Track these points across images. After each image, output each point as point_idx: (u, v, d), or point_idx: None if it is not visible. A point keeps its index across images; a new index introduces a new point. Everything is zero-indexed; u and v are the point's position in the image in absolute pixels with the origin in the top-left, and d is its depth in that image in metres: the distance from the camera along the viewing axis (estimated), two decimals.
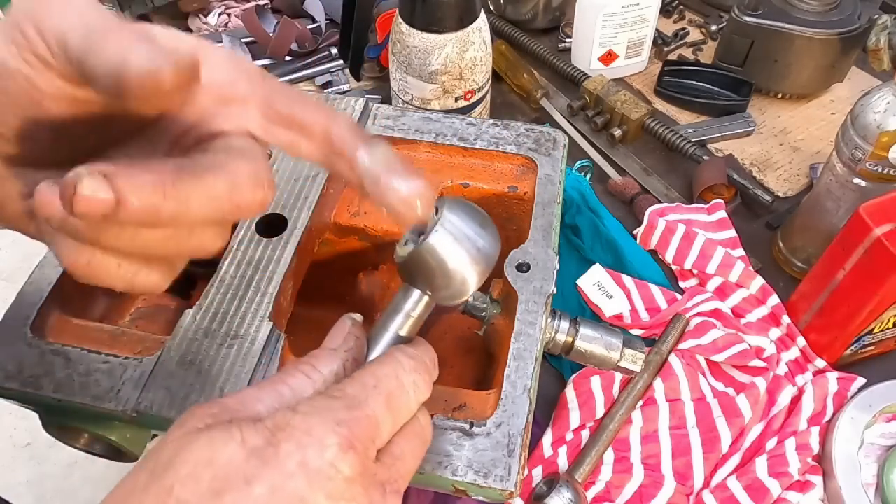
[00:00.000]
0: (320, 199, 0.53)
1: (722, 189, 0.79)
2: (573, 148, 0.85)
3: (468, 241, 0.30)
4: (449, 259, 0.30)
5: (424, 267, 0.31)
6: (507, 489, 0.39)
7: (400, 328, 0.33)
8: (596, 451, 0.59)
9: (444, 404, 0.43)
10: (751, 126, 0.88)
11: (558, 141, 0.57)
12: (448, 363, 0.61)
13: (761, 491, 0.57)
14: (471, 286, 0.31)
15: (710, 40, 1.02)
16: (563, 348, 0.49)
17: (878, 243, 0.55)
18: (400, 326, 0.33)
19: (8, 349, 0.45)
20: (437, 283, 0.31)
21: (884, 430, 0.61)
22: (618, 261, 0.72)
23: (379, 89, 0.95)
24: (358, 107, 0.59)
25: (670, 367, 0.63)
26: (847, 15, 0.84)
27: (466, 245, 0.30)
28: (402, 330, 0.33)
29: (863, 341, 0.63)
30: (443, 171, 0.57)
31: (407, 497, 0.58)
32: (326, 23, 1.05)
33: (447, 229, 0.30)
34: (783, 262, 0.74)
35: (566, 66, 0.95)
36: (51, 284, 0.48)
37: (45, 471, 1.52)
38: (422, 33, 0.70)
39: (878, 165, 0.60)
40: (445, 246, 0.30)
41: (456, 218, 0.30)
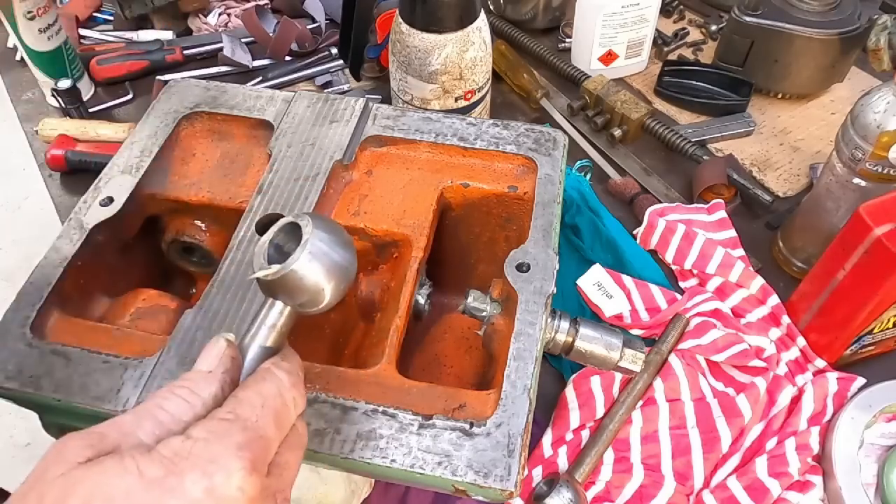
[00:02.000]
0: (320, 199, 0.53)
1: (722, 189, 0.79)
2: (573, 148, 0.85)
3: (328, 260, 0.32)
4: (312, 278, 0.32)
5: (290, 286, 0.32)
6: (507, 489, 0.39)
7: (267, 340, 0.34)
8: (596, 451, 0.59)
9: (444, 404, 0.43)
10: (751, 126, 0.88)
11: (558, 141, 0.57)
12: (448, 363, 0.61)
13: (761, 491, 0.57)
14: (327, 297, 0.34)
15: (710, 40, 1.02)
16: (563, 348, 0.49)
17: (878, 243, 0.55)
18: (266, 339, 0.34)
19: (8, 349, 0.45)
20: (300, 298, 0.33)
21: (884, 430, 0.61)
22: (618, 261, 0.72)
23: (379, 89, 0.95)
24: (358, 107, 0.59)
25: (670, 367, 0.63)
26: (847, 15, 0.84)
27: (327, 264, 0.32)
28: (269, 342, 0.34)
29: (863, 341, 0.63)
30: (443, 171, 0.57)
31: (407, 497, 0.58)
32: (326, 23, 1.05)
33: (312, 253, 0.32)
34: (783, 262, 0.74)
35: (566, 66, 0.95)
36: (51, 284, 0.48)
37: None
38: (422, 33, 0.70)
39: (878, 165, 0.60)
40: (310, 268, 0.32)
41: (319, 241, 0.32)
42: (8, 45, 1.05)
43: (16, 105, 0.97)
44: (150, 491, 0.26)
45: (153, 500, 0.26)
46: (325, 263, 0.32)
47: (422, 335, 0.63)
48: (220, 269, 0.49)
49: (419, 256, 0.52)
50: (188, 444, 0.27)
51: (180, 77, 0.95)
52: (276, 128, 0.58)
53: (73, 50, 0.92)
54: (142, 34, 1.03)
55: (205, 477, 0.27)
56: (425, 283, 0.56)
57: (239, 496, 0.27)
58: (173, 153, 0.58)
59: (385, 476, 0.42)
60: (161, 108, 0.60)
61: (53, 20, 0.87)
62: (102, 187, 0.54)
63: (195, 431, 0.28)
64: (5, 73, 1.02)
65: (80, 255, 0.50)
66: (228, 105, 0.60)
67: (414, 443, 0.41)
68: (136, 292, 0.55)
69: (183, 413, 0.30)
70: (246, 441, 0.28)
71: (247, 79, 0.96)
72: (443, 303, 0.63)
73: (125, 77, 0.97)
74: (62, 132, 0.85)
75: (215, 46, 1.00)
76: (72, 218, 0.52)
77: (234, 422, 0.29)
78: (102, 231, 0.52)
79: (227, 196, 0.56)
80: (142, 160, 0.56)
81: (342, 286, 0.34)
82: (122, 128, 0.86)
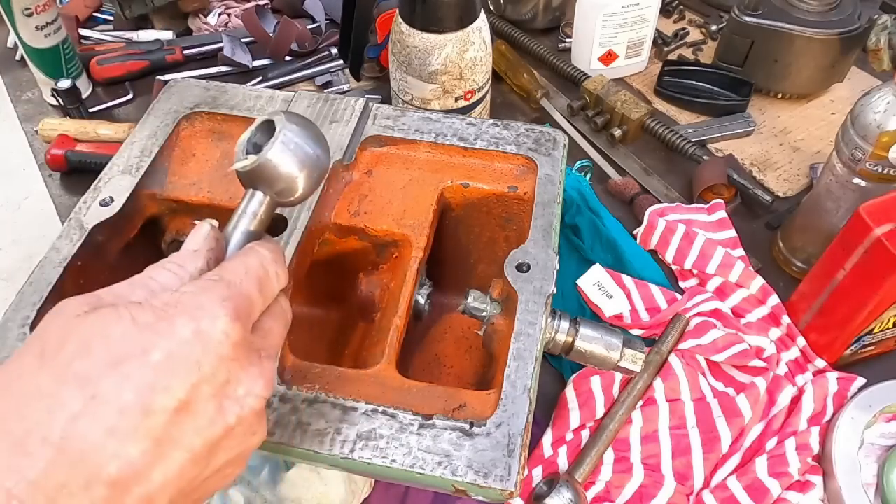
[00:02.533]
0: (320, 199, 0.53)
1: (722, 189, 0.79)
2: (573, 148, 0.85)
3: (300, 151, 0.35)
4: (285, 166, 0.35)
5: (266, 174, 0.35)
6: (507, 489, 0.39)
7: (249, 225, 0.37)
8: (596, 451, 0.59)
9: (444, 404, 0.43)
10: (751, 126, 0.88)
11: (558, 141, 0.57)
12: (448, 363, 0.61)
13: (761, 491, 0.57)
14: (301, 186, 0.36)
15: (710, 40, 1.02)
16: (563, 348, 0.49)
17: (878, 243, 0.55)
18: (249, 223, 0.37)
19: (8, 349, 0.45)
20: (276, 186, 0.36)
21: (884, 430, 0.61)
22: (618, 261, 0.72)
23: (379, 89, 0.95)
24: (358, 107, 0.59)
25: (670, 367, 0.63)
26: (847, 15, 0.84)
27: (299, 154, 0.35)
28: (252, 226, 0.37)
29: (863, 341, 0.63)
30: (443, 171, 0.57)
31: (407, 497, 0.58)
32: (326, 23, 1.05)
33: (284, 143, 0.35)
34: (783, 262, 0.74)
35: (566, 66, 0.95)
36: (51, 284, 0.48)
37: None
38: (422, 33, 0.70)
39: (878, 165, 0.60)
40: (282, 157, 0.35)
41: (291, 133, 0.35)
42: (8, 45, 1.05)
43: (16, 105, 0.97)
44: (142, 333, 0.29)
45: (145, 340, 0.29)
46: (297, 153, 0.35)
47: (422, 335, 0.63)
48: None
49: (419, 256, 0.52)
50: (177, 295, 0.31)
51: (180, 77, 0.95)
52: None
53: (72, 49, 0.92)
54: (142, 34, 1.03)
55: (192, 321, 0.30)
56: (425, 283, 0.56)
57: (223, 339, 0.30)
58: (173, 153, 0.58)
59: (385, 476, 0.42)
60: (161, 108, 0.60)
61: (53, 18, 0.87)
62: (102, 187, 0.54)
63: (187, 287, 0.31)
64: (5, 73, 1.02)
65: (80, 255, 0.50)
66: (228, 105, 0.60)
67: (414, 443, 0.41)
68: None
69: (171, 283, 0.32)
70: (230, 295, 0.31)
71: (247, 79, 0.96)
72: (443, 303, 0.63)
73: (125, 77, 0.97)
74: (62, 132, 0.85)
75: (215, 46, 1.00)
76: (72, 218, 0.52)
77: (219, 281, 0.32)
78: (102, 231, 0.52)
79: (227, 196, 0.56)
80: (142, 160, 0.56)
81: (315, 174, 0.36)
82: (122, 128, 0.86)
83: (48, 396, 0.27)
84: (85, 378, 0.27)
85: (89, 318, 0.29)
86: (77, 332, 0.29)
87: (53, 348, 0.28)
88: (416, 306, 0.53)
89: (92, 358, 0.28)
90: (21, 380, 0.28)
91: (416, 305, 0.53)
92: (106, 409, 0.27)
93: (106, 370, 0.28)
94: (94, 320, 0.29)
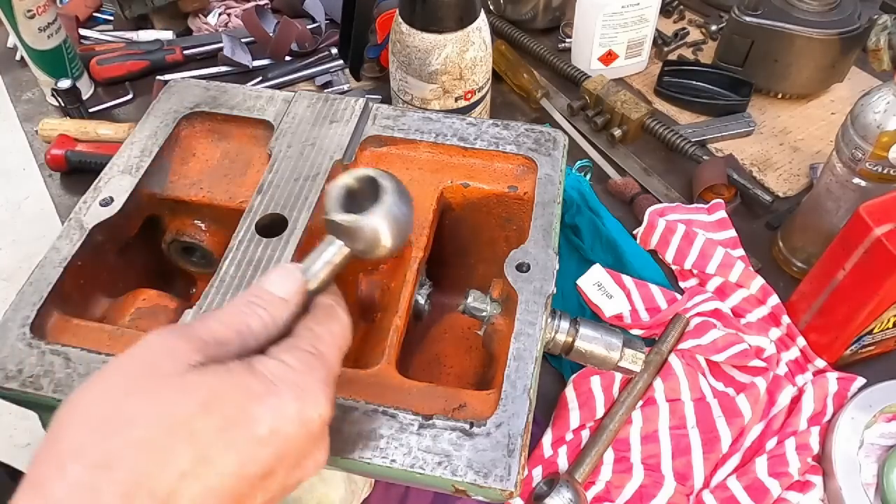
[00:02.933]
0: (320, 199, 0.52)
1: (722, 189, 0.79)
2: (573, 148, 0.85)
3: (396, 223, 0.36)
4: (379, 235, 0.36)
5: (357, 235, 0.36)
6: (507, 489, 0.39)
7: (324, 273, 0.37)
8: (596, 451, 0.59)
9: (444, 404, 0.44)
10: (751, 126, 0.88)
11: (558, 141, 0.57)
12: (448, 363, 0.61)
13: (761, 491, 0.57)
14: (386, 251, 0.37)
15: (710, 40, 1.02)
16: (563, 348, 0.49)
17: (878, 243, 0.55)
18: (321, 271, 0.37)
19: (8, 349, 0.45)
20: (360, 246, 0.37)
21: (884, 430, 0.61)
22: (618, 261, 0.72)
23: (379, 89, 0.95)
24: (358, 107, 0.59)
25: (670, 367, 0.63)
26: (847, 15, 0.84)
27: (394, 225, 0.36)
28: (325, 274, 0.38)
29: (863, 341, 0.63)
30: (443, 171, 0.57)
31: (407, 497, 0.58)
32: (326, 23, 1.05)
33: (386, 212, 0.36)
34: (783, 262, 0.74)
35: (566, 66, 0.95)
36: (51, 284, 0.48)
37: None
38: (422, 33, 0.70)
39: (878, 165, 0.60)
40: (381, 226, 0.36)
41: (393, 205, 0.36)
42: (8, 45, 1.05)
43: (16, 105, 0.97)
44: (252, 403, 0.30)
45: (255, 412, 0.30)
46: (393, 223, 0.36)
47: (422, 335, 0.63)
48: (220, 269, 0.49)
49: (419, 256, 0.52)
50: (286, 370, 0.32)
51: (180, 77, 0.95)
52: (276, 128, 0.58)
53: (73, 49, 0.92)
54: (142, 34, 1.03)
55: (297, 401, 0.32)
56: (425, 283, 0.56)
57: (318, 421, 0.33)
58: (173, 153, 0.58)
59: (385, 476, 0.42)
60: (161, 108, 0.60)
61: (53, 19, 0.87)
62: (102, 187, 0.54)
63: (287, 358, 0.33)
64: (5, 73, 1.02)
65: (80, 255, 0.50)
66: (228, 105, 0.60)
67: (414, 443, 0.41)
68: (136, 292, 0.55)
69: (262, 334, 0.34)
70: (326, 377, 0.33)
71: (247, 79, 0.96)
72: (443, 303, 0.62)
73: (125, 77, 0.97)
74: (62, 132, 0.85)
75: (215, 46, 1.00)
76: (72, 218, 0.52)
77: (318, 357, 0.34)
78: (102, 231, 0.52)
79: (227, 196, 0.56)
80: (142, 160, 0.56)
81: (400, 244, 0.37)
82: (122, 128, 0.86)
83: (161, 450, 0.28)
84: (197, 438, 0.29)
85: (207, 379, 0.30)
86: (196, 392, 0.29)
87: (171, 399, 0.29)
88: (416, 306, 0.53)
89: (208, 419, 0.29)
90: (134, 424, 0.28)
91: (416, 305, 0.53)
92: (210, 471, 0.29)
93: (217, 434, 0.29)
94: (212, 382, 0.30)
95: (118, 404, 0.29)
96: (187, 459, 0.28)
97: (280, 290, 0.35)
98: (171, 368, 0.30)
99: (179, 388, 0.29)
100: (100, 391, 0.29)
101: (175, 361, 0.30)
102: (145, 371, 0.30)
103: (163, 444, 0.28)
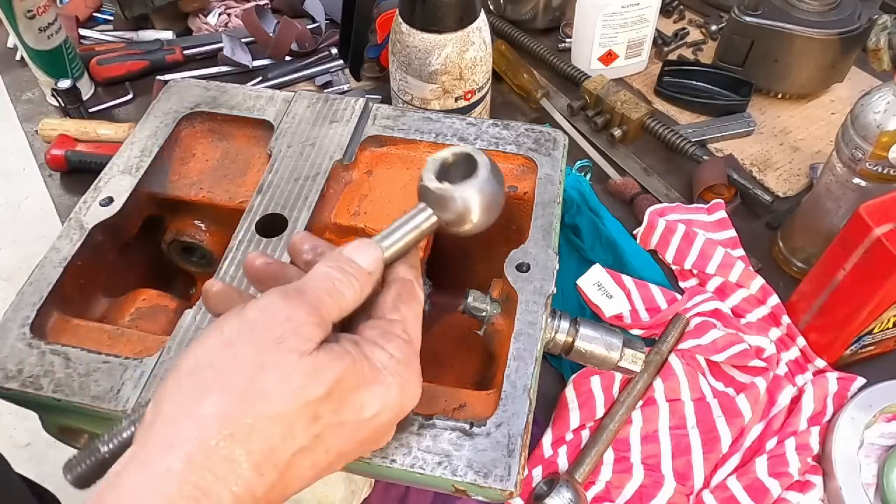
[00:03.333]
0: (320, 199, 0.53)
1: (722, 189, 0.79)
2: (573, 148, 0.85)
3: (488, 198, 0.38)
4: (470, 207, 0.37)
5: (449, 205, 0.37)
6: (507, 489, 0.39)
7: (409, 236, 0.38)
8: (596, 451, 0.59)
9: (444, 404, 0.44)
10: (751, 126, 0.88)
11: (558, 141, 0.57)
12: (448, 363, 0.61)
13: (761, 491, 0.57)
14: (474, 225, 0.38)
15: (710, 40, 1.02)
16: (563, 348, 0.49)
17: (878, 243, 0.55)
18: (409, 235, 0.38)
19: (8, 349, 0.45)
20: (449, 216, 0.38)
21: (884, 430, 0.61)
22: (618, 261, 0.72)
23: (379, 89, 0.95)
24: (358, 107, 0.59)
25: (670, 367, 0.63)
26: (847, 15, 0.84)
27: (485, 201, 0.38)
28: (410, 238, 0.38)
29: (863, 341, 0.63)
30: None
31: (407, 497, 0.58)
32: (326, 23, 1.05)
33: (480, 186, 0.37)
34: (783, 262, 0.74)
35: (566, 66, 0.95)
36: (51, 284, 0.48)
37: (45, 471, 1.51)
38: (422, 33, 0.70)
39: (878, 165, 0.60)
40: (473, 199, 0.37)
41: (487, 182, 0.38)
42: (8, 45, 1.05)
43: (16, 105, 0.97)
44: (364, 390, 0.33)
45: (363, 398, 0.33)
46: (483, 199, 0.37)
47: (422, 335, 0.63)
48: (220, 269, 0.49)
49: (419, 256, 0.52)
50: (390, 360, 0.34)
51: (180, 77, 0.95)
52: (276, 128, 0.58)
53: (74, 49, 0.92)
54: (142, 34, 1.03)
55: (401, 394, 0.34)
56: (425, 283, 0.56)
57: (413, 405, 0.36)
58: (173, 153, 0.58)
59: (385, 476, 0.42)
60: (161, 108, 0.60)
61: (53, 19, 0.87)
62: (102, 187, 0.54)
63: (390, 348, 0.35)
64: (5, 73, 1.02)
65: (80, 255, 0.50)
66: (228, 105, 0.60)
67: (414, 443, 0.41)
68: (136, 292, 0.55)
69: (352, 306, 0.35)
70: (418, 368, 0.36)
71: (247, 79, 0.96)
72: (443, 303, 0.62)
73: (125, 77, 0.97)
74: (62, 132, 0.85)
75: (215, 46, 1.00)
76: (72, 218, 0.52)
77: (410, 345, 0.36)
78: (102, 231, 0.52)
79: (227, 196, 0.56)
80: (142, 160, 0.56)
81: (491, 218, 0.39)
82: (122, 128, 0.86)
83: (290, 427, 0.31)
84: (319, 419, 0.32)
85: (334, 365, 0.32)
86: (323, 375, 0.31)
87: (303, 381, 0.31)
88: None
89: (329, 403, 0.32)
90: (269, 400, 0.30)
91: None
92: (320, 448, 0.32)
93: (332, 416, 0.32)
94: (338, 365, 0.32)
95: (254, 377, 0.30)
96: (307, 437, 0.31)
97: (365, 262, 0.36)
98: (300, 345, 0.31)
99: (311, 370, 0.31)
100: (230, 357, 0.31)
101: (302, 338, 0.32)
102: (275, 344, 0.31)
103: (292, 421, 0.31)
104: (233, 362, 0.31)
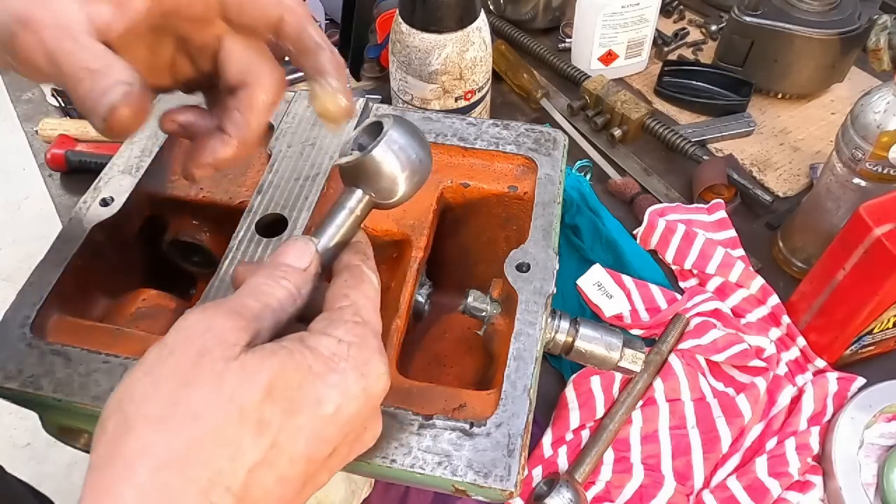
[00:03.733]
0: (320, 199, 0.52)
1: (722, 189, 0.79)
2: (573, 148, 0.85)
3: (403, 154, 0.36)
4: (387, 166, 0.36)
5: (368, 172, 0.36)
6: (507, 489, 0.39)
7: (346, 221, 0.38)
8: (596, 451, 0.59)
9: (444, 404, 0.43)
10: (751, 126, 0.88)
11: (558, 141, 0.57)
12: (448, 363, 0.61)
13: (761, 491, 0.57)
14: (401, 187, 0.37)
15: (710, 40, 1.02)
16: (563, 348, 0.49)
17: (878, 243, 0.55)
18: (346, 219, 0.38)
19: (8, 349, 0.45)
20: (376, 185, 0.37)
21: (884, 430, 0.61)
22: (618, 261, 0.72)
23: (379, 89, 0.95)
24: (358, 107, 0.59)
25: (670, 367, 0.63)
26: (847, 15, 0.84)
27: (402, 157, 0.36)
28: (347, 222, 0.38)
29: (863, 341, 0.63)
30: (443, 171, 0.57)
31: (407, 497, 0.58)
32: (326, 23, 1.05)
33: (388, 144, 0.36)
34: (783, 262, 0.74)
35: (566, 66, 0.95)
36: (51, 284, 0.48)
37: (45, 471, 1.52)
38: (422, 33, 0.70)
39: (878, 165, 0.60)
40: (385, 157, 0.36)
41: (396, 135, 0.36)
42: None
43: (16, 105, 0.97)
44: (316, 384, 0.30)
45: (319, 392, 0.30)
46: (400, 155, 0.36)
47: (422, 335, 0.63)
48: (220, 269, 0.49)
49: (419, 256, 0.52)
50: (342, 346, 0.32)
51: None
52: (275, 128, 0.58)
53: None
54: None
55: (362, 378, 0.31)
56: (425, 283, 0.56)
57: (381, 393, 0.33)
58: (173, 153, 0.58)
59: (385, 476, 0.42)
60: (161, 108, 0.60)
61: None
62: (102, 187, 0.54)
63: (338, 333, 0.32)
64: (5, 73, 1.02)
65: (80, 255, 0.50)
66: None
67: (414, 443, 0.41)
68: (137, 292, 0.55)
69: (289, 306, 0.33)
70: (378, 345, 0.33)
71: None
72: (443, 303, 0.62)
73: None
74: (62, 132, 0.85)
75: None
76: (72, 218, 0.52)
77: (365, 325, 0.33)
78: (102, 231, 0.52)
79: (227, 196, 0.56)
80: (142, 160, 0.56)
81: (416, 178, 0.37)
82: None
83: (231, 443, 0.27)
84: (267, 425, 0.28)
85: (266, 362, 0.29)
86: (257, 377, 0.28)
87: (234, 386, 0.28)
88: (416, 306, 0.53)
89: (275, 405, 0.28)
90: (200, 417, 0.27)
91: (416, 305, 0.53)
92: (281, 458, 0.28)
93: (285, 419, 0.29)
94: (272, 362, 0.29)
95: (177, 397, 0.27)
96: (259, 449, 0.28)
97: (296, 261, 0.35)
98: (223, 352, 0.29)
99: (240, 373, 0.28)
100: (150, 385, 0.28)
101: (225, 344, 0.29)
102: (196, 358, 0.28)
103: (234, 435, 0.27)
104: (152, 390, 0.28)
